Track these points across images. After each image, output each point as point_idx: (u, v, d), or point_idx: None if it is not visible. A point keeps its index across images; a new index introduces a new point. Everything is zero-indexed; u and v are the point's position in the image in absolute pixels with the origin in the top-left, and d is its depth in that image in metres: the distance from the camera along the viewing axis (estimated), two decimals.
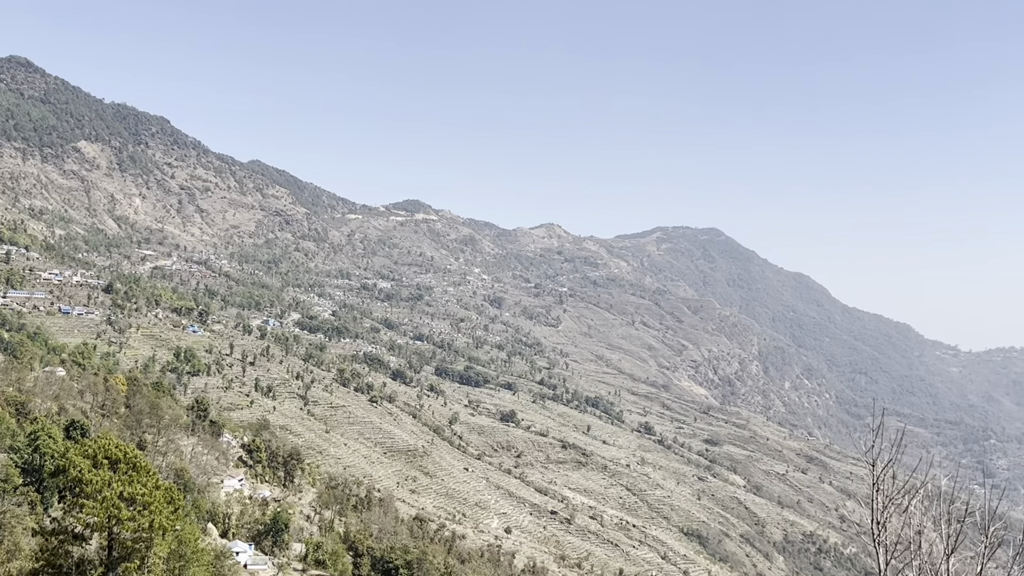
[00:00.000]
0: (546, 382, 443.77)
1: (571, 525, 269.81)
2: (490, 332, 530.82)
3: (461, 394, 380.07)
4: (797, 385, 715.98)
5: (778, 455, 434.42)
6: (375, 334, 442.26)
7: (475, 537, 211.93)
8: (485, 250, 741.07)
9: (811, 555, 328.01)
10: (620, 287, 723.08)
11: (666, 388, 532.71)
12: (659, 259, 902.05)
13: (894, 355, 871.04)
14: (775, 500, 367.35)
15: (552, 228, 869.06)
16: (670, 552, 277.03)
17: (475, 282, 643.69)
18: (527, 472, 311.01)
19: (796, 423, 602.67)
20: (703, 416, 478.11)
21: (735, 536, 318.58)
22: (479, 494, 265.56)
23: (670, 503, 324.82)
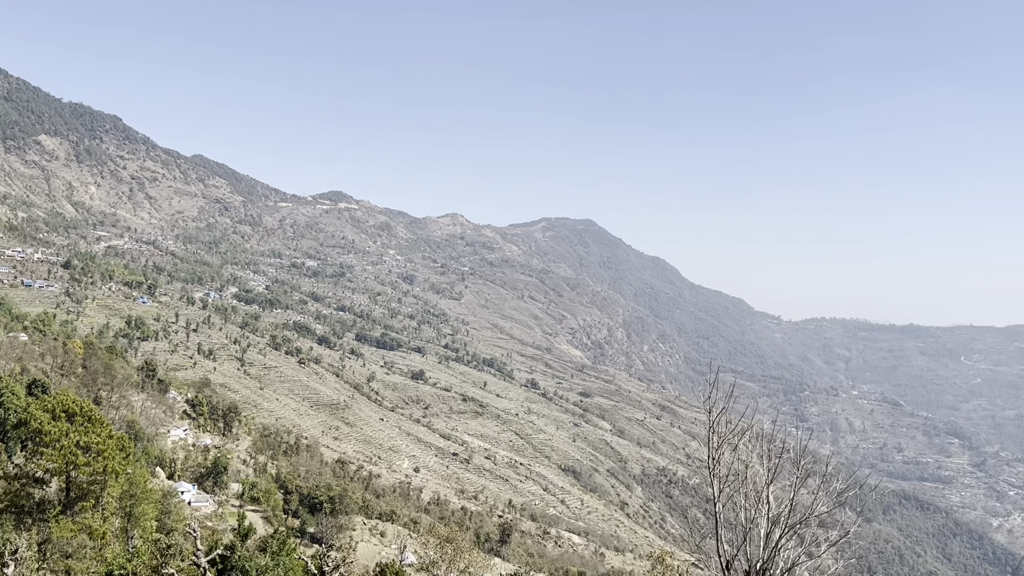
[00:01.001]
0: (450, 346, 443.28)
1: (469, 464, 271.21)
2: (403, 304, 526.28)
3: (378, 356, 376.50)
4: (653, 348, 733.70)
5: (638, 405, 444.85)
6: (303, 305, 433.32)
7: (389, 476, 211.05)
8: (399, 235, 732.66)
9: (663, 485, 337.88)
10: (512, 267, 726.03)
11: (549, 351, 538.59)
12: (544, 244, 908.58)
13: (731, 324, 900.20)
14: (635, 441, 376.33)
15: (456, 217, 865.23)
16: (551, 485, 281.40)
17: (390, 262, 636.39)
18: (433, 421, 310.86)
19: (652, 379, 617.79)
20: (578, 373, 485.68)
21: (603, 471, 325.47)
22: (392, 440, 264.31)
23: (551, 445, 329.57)
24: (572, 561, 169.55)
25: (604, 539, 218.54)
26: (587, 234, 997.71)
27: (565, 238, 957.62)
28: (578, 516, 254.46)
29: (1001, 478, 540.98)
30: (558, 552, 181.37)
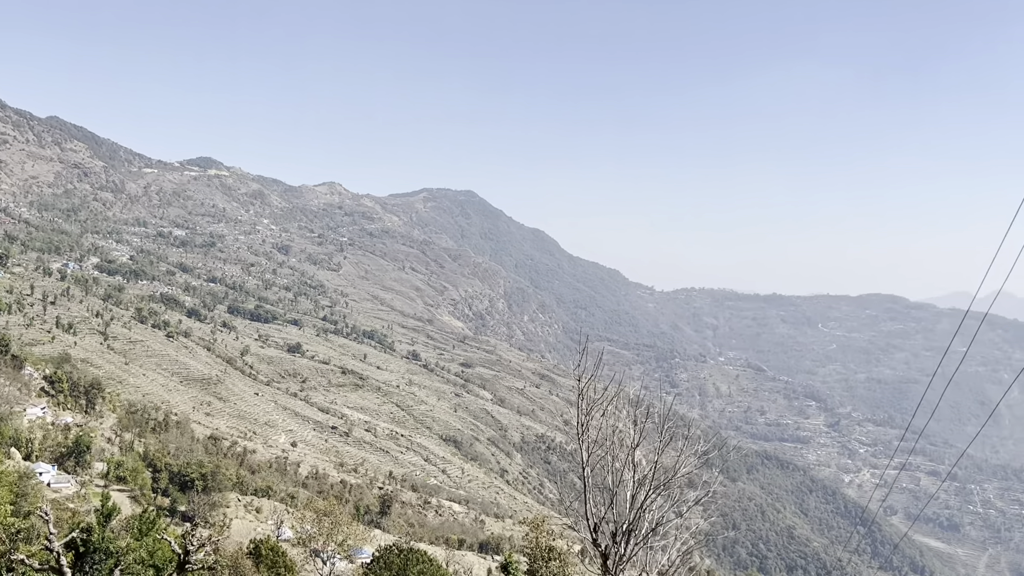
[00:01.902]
0: (328, 318, 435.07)
1: (349, 437, 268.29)
2: (278, 276, 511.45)
3: (252, 329, 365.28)
4: (534, 318, 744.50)
5: (518, 374, 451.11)
6: (171, 277, 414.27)
7: (265, 451, 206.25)
8: (273, 204, 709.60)
9: (542, 452, 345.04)
10: (393, 238, 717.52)
11: (430, 322, 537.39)
12: (425, 215, 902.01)
13: (607, 294, 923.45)
14: (515, 410, 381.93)
15: (334, 186, 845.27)
16: (432, 455, 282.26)
17: (264, 232, 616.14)
18: (311, 395, 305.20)
19: (532, 348, 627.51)
20: (460, 344, 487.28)
21: (484, 440, 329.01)
22: (268, 415, 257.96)
23: (432, 416, 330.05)
24: (452, 529, 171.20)
25: (484, 506, 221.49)
26: (468, 205, 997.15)
27: (447, 209, 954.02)
28: (459, 485, 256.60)
29: (853, 437, 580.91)
30: (439, 521, 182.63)
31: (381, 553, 68.98)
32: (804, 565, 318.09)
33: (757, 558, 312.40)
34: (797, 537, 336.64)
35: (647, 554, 23.52)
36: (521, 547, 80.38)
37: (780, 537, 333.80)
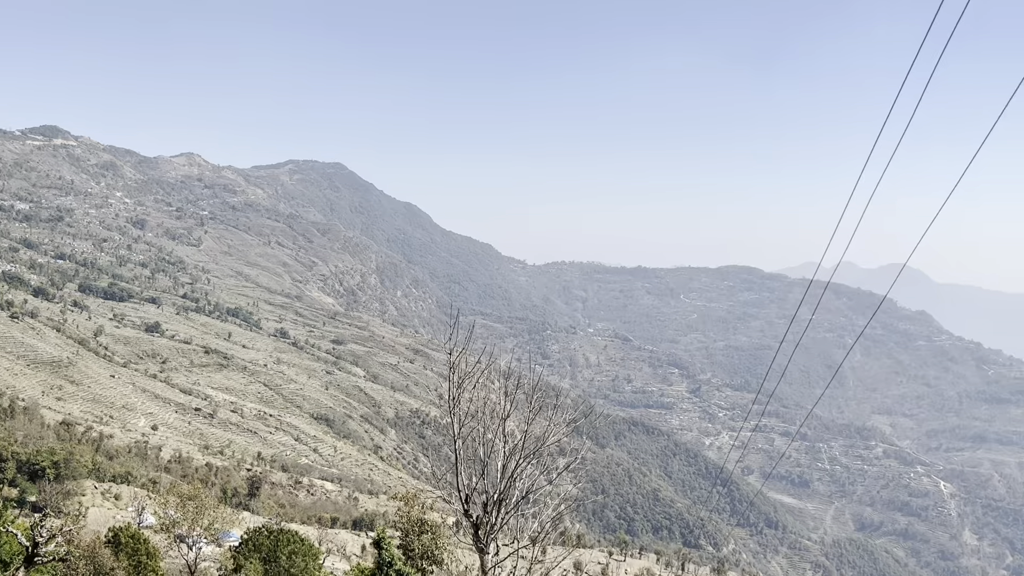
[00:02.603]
0: (189, 296, 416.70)
1: (214, 419, 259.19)
2: (134, 251, 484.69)
3: (106, 308, 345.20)
4: (407, 293, 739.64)
5: (392, 350, 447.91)
6: (14, 253, 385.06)
7: (123, 436, 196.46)
8: (127, 176, 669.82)
9: (416, 427, 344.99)
10: (257, 212, 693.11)
11: (299, 298, 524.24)
12: (292, 188, 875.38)
13: (480, 268, 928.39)
14: (389, 386, 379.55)
15: (193, 157, 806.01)
16: (303, 435, 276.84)
17: (117, 205, 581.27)
18: (172, 376, 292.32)
19: (406, 324, 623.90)
20: (331, 321, 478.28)
21: (357, 417, 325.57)
22: (126, 398, 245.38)
23: (302, 394, 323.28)
24: (325, 508, 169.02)
25: (358, 484, 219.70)
26: (337, 178, 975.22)
27: (314, 182, 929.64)
28: (331, 463, 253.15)
29: (712, 402, 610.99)
30: (311, 500, 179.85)
31: (250, 535, 67.32)
32: (669, 525, 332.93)
33: (625, 521, 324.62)
34: (662, 499, 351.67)
35: (519, 521, 24.05)
36: (394, 522, 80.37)
37: (646, 500, 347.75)
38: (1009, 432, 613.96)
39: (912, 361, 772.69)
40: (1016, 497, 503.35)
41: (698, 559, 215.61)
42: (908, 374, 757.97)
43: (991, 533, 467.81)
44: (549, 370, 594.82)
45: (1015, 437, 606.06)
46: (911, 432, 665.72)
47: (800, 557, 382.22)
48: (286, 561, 63.69)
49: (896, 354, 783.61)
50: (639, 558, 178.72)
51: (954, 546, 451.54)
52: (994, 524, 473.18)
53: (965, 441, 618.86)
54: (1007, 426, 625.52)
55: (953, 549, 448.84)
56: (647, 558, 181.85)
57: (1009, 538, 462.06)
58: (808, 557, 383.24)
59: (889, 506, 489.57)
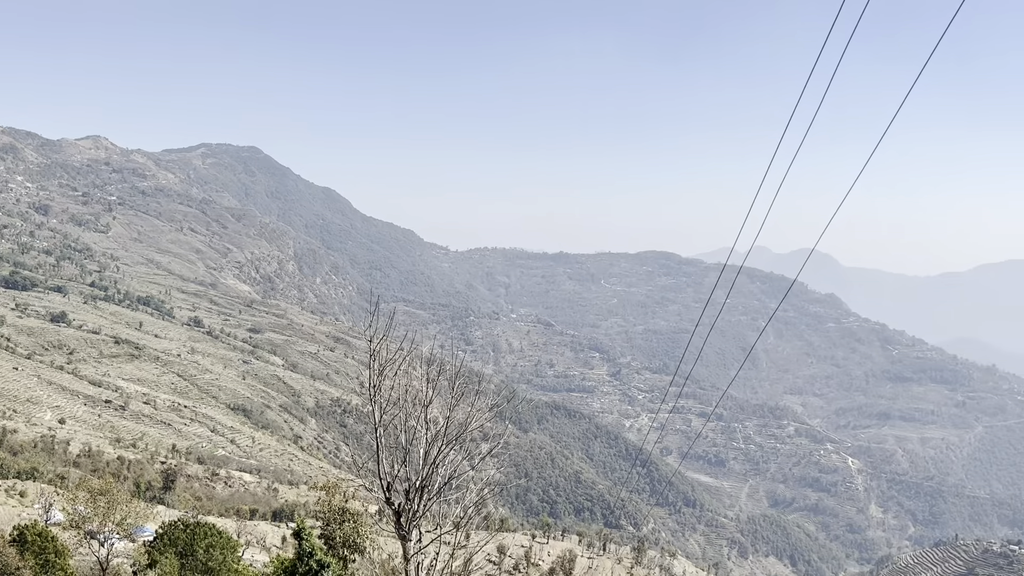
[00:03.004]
0: (97, 284, 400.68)
1: (125, 411, 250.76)
2: (37, 238, 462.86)
3: (7, 298, 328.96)
4: (327, 280, 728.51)
5: (311, 338, 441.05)
6: None
7: (28, 430, 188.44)
8: (28, 159, 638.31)
9: (338, 416, 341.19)
10: (168, 197, 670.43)
11: (213, 286, 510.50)
12: (205, 172, 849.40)
13: (402, 254, 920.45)
14: (309, 375, 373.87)
15: (99, 140, 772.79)
16: (219, 426, 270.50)
17: (18, 190, 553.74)
18: (80, 367, 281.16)
19: (326, 311, 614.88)
20: (247, 309, 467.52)
21: (275, 407, 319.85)
22: (30, 391, 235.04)
23: (218, 384, 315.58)
24: (244, 500, 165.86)
25: (277, 474, 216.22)
26: (252, 162, 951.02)
27: (228, 166, 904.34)
28: (250, 454, 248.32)
29: (632, 385, 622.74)
30: (229, 492, 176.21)
31: (165, 529, 65.64)
32: (591, 507, 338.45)
33: (548, 504, 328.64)
34: (584, 481, 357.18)
35: (442, 507, 24.19)
36: (315, 512, 79.54)
37: (568, 482, 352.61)
38: (911, 409, 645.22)
39: (822, 342, 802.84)
40: (918, 471, 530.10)
41: (619, 539, 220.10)
42: (818, 355, 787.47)
43: (895, 506, 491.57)
44: (472, 356, 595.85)
45: (917, 414, 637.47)
46: (821, 411, 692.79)
47: (717, 534, 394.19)
48: (203, 555, 62.38)
49: (807, 336, 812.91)
50: (562, 540, 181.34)
51: (861, 519, 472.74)
52: (898, 497, 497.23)
53: (871, 418, 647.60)
54: (910, 403, 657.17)
55: (860, 522, 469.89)
56: (569, 540, 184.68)
57: (911, 510, 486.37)
58: (724, 534, 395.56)
59: (801, 482, 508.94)
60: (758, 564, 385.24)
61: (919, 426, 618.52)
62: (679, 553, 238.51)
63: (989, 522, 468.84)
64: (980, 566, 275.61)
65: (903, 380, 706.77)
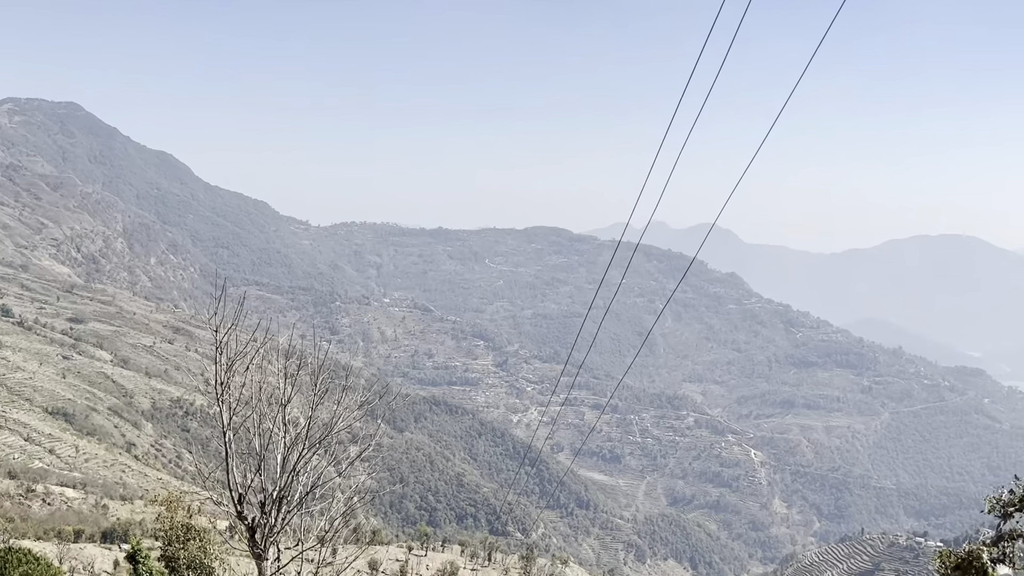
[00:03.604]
0: None
1: None
2: None
3: None
4: (163, 260, 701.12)
5: (145, 328, 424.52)
6: None
7: None
8: None
9: (179, 418, 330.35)
10: None
11: (24, 268, 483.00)
12: (11, 132, 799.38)
13: (253, 230, 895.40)
14: (143, 371, 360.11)
15: None
16: (34, 433, 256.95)
17: None
18: None
19: (163, 297, 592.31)
20: (67, 295, 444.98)
21: (103, 410, 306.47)
22: None
23: (33, 385, 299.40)
24: (67, 519, 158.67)
25: (107, 488, 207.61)
26: (71, 121, 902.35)
27: (41, 125, 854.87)
28: (73, 466, 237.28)
29: (520, 375, 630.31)
30: (48, 511, 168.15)
31: None
32: (474, 513, 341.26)
33: (427, 511, 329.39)
34: (467, 484, 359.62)
35: (304, 520, 23.83)
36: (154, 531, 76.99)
37: (450, 486, 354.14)
38: (816, 396, 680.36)
39: (723, 326, 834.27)
40: (823, 462, 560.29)
41: (506, 547, 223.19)
42: (719, 339, 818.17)
43: (800, 500, 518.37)
44: (339, 347, 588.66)
45: (822, 401, 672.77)
46: (722, 399, 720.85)
47: (612, 537, 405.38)
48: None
49: (707, 319, 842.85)
50: (442, 551, 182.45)
51: (764, 516, 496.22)
52: (802, 491, 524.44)
53: (775, 407, 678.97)
54: (814, 390, 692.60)
55: (763, 519, 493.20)
56: (451, 551, 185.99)
57: (816, 504, 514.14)
58: (621, 537, 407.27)
59: (701, 478, 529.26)
60: (656, 568, 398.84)
61: (824, 414, 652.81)
62: (572, 560, 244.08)
63: (895, 514, 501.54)
64: (886, 560, 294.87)
65: (808, 365, 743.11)
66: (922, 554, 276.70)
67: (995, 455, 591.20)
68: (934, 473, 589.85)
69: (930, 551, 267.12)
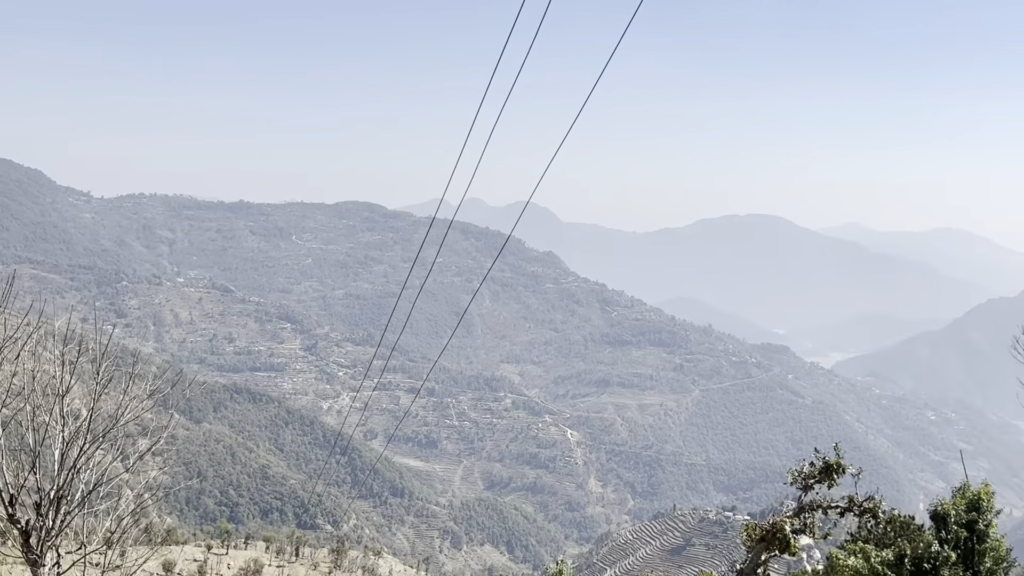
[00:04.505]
0: None
1: None
2: None
3: None
4: None
5: None
6: None
7: None
8: None
9: None
10: None
11: None
12: None
13: (26, 202, 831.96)
14: None
15: None
16: None
17: None
18: None
19: None
20: None
21: None
22: None
23: None
24: None
25: None
26: None
27: None
28: None
29: (331, 359, 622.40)
30: None
31: None
32: (281, 507, 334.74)
33: (228, 507, 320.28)
34: (272, 477, 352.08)
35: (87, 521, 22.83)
36: None
37: (253, 479, 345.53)
38: (631, 374, 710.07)
39: (540, 305, 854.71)
40: (637, 440, 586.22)
41: (315, 541, 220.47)
42: (536, 319, 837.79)
43: (614, 479, 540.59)
44: (126, 331, 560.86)
45: (636, 379, 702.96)
46: (539, 380, 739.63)
47: (428, 525, 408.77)
48: None
49: (525, 298, 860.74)
50: (245, 549, 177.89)
51: (580, 496, 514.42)
52: (617, 469, 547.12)
53: (591, 386, 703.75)
54: (629, 368, 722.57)
55: (579, 499, 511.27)
56: (255, 547, 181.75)
57: (631, 482, 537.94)
58: (436, 524, 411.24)
59: (518, 460, 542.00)
60: (473, 554, 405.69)
61: (638, 392, 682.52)
62: (385, 550, 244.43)
63: (706, 489, 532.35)
64: (697, 535, 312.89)
65: (623, 343, 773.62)
66: (731, 528, 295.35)
67: (798, 429, 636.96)
68: (742, 448, 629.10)
69: (738, 524, 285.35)
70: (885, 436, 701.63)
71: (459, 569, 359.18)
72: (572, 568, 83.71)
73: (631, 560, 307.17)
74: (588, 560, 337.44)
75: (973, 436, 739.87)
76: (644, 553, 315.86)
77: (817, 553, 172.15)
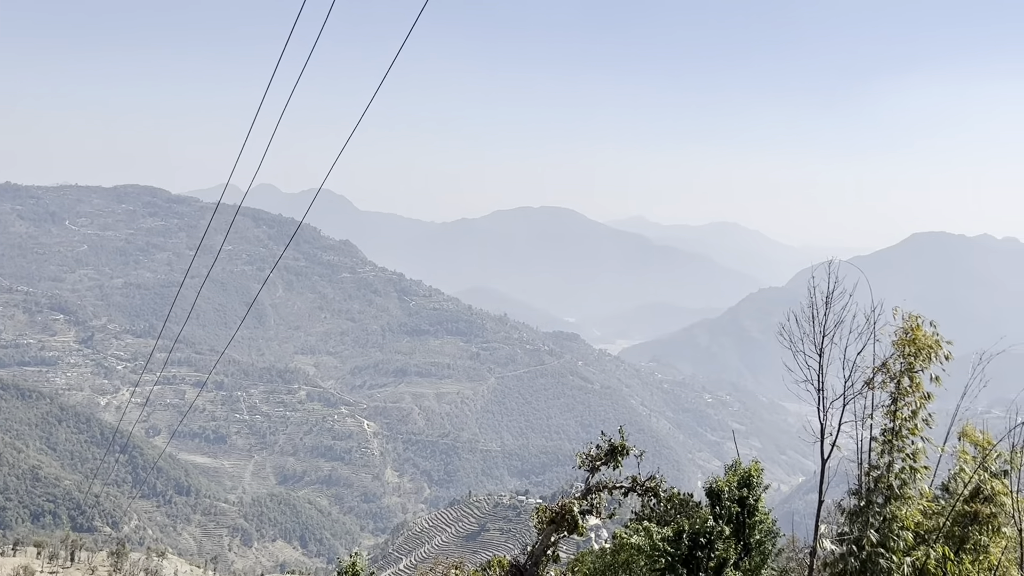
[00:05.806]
0: None
1: None
2: None
3: None
4: None
5: None
6: None
7: None
8: None
9: None
10: None
11: None
12: None
13: None
14: None
15: None
16: None
17: None
18: None
19: None
20: None
21: None
22: None
23: None
24: None
25: None
26: None
27: None
28: None
29: (109, 352, 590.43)
30: None
31: None
32: (54, 510, 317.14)
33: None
34: (44, 478, 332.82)
35: None
36: None
37: (23, 482, 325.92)
38: (428, 364, 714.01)
39: (337, 295, 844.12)
40: (434, 428, 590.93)
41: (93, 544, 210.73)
42: (332, 309, 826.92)
43: (411, 468, 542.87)
44: None
45: (433, 368, 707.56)
46: (336, 371, 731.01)
47: (216, 523, 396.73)
48: None
49: (320, 288, 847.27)
50: (14, 555, 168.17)
51: (377, 486, 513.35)
52: (414, 459, 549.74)
53: (388, 376, 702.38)
54: (426, 357, 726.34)
55: (376, 490, 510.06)
56: (25, 554, 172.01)
57: (427, 471, 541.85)
58: (225, 522, 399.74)
59: (313, 453, 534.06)
60: (264, 550, 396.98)
61: (436, 381, 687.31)
62: (170, 551, 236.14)
63: (500, 475, 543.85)
64: (491, 520, 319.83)
65: (420, 333, 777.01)
66: (524, 511, 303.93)
67: (587, 413, 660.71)
68: (535, 433, 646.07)
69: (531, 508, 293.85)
70: (667, 418, 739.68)
71: (250, 567, 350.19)
72: (367, 559, 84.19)
73: (427, 548, 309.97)
74: (384, 550, 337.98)
75: (746, 417, 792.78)
76: (440, 540, 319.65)
77: (604, 532, 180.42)
